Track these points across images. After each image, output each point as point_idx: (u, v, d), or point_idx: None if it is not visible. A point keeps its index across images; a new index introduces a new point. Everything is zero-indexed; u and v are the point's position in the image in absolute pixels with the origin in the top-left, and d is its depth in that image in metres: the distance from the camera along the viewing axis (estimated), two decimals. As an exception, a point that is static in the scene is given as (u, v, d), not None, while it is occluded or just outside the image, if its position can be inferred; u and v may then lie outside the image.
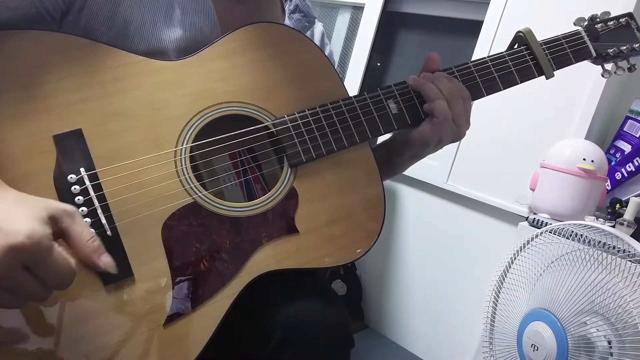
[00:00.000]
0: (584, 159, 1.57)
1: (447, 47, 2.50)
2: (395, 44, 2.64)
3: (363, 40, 2.60)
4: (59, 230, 0.58)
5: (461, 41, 2.38)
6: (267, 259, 0.74)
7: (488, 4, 2.14)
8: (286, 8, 0.93)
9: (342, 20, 2.82)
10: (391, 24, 2.61)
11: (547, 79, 0.90)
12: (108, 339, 0.66)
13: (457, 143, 2.18)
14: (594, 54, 0.94)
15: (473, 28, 2.21)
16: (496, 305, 1.42)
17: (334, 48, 2.74)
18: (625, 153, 1.71)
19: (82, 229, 0.60)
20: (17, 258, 0.54)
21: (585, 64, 0.98)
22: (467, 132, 0.87)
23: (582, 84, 1.80)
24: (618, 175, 1.71)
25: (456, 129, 0.84)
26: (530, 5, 2.01)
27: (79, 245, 0.60)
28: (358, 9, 2.69)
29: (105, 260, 0.62)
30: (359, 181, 0.81)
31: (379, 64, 2.65)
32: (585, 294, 1.16)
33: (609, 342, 1.15)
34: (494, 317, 1.43)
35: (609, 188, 1.71)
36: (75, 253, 0.60)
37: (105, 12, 0.73)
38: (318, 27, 0.99)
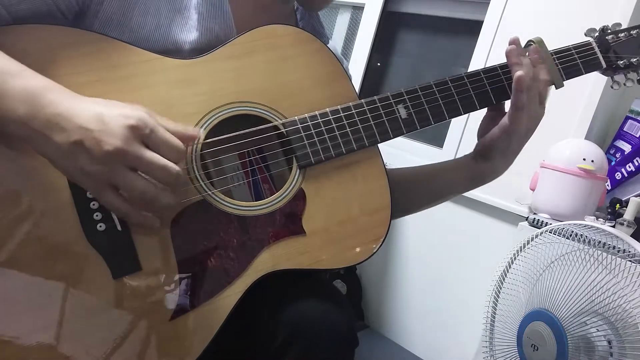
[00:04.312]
0: (584, 159, 1.57)
1: (447, 47, 2.51)
2: (395, 44, 2.64)
3: (363, 40, 2.60)
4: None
5: (461, 41, 2.39)
6: (273, 258, 0.74)
7: (488, 4, 2.14)
8: (300, 26, 0.93)
9: (342, 20, 2.82)
10: (391, 24, 2.61)
11: (556, 88, 0.90)
12: (116, 331, 0.67)
13: (457, 143, 2.18)
14: (604, 65, 0.93)
15: (473, 28, 2.21)
16: (496, 305, 1.42)
17: (334, 48, 2.74)
18: (625, 153, 1.71)
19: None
20: (137, 132, 0.60)
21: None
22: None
23: (582, 84, 1.80)
24: (618, 175, 1.72)
25: (538, 109, 0.85)
26: (530, 5, 2.02)
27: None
28: (358, 9, 2.70)
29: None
30: (367, 184, 0.81)
31: (379, 64, 2.66)
32: (585, 294, 1.16)
33: (609, 342, 1.15)
34: (494, 317, 1.42)
35: (609, 188, 1.71)
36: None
37: (119, 17, 0.73)
38: (330, 45, 0.99)
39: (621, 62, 0.94)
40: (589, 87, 1.79)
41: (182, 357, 0.69)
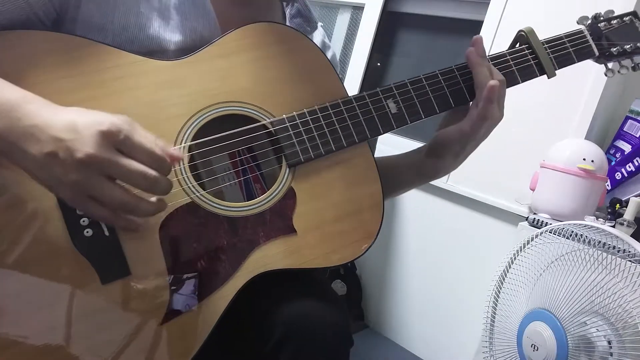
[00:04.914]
0: (584, 159, 1.57)
1: (447, 47, 2.50)
2: (395, 44, 2.64)
3: (363, 40, 2.60)
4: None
5: (461, 41, 2.38)
6: (264, 258, 0.74)
7: (488, 4, 2.14)
8: (287, 12, 0.93)
9: (342, 20, 2.82)
10: (391, 24, 2.61)
11: (548, 78, 0.89)
12: (105, 337, 0.66)
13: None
14: (597, 53, 0.92)
15: (473, 28, 2.21)
16: (496, 305, 1.42)
17: (334, 48, 2.74)
18: (625, 153, 1.71)
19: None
20: (110, 139, 0.58)
21: (587, 64, 0.97)
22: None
23: (582, 84, 1.80)
24: (618, 175, 1.71)
25: (498, 114, 0.83)
26: (530, 5, 2.01)
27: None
28: (358, 9, 2.69)
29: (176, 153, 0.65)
30: (358, 181, 0.81)
31: (379, 64, 2.65)
32: (585, 294, 1.16)
33: (609, 342, 1.14)
34: (494, 317, 1.42)
35: (609, 188, 1.71)
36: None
37: (98, 20, 0.72)
38: (319, 31, 0.98)
39: (614, 49, 0.93)
40: (589, 86, 1.79)
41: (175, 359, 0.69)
